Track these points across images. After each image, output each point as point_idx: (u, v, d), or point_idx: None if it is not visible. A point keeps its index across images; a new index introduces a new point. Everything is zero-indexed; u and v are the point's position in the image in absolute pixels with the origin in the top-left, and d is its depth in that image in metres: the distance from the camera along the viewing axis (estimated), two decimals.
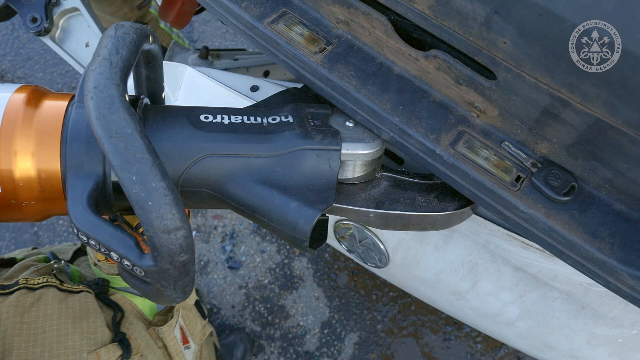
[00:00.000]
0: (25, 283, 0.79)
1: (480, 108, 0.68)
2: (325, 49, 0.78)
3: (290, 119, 0.72)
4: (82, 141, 0.60)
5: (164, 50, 1.79)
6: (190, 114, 0.69)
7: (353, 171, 0.73)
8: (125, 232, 0.54)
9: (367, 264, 1.16)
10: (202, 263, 2.52)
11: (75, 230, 0.54)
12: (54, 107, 0.62)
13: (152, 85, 0.77)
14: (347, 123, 0.75)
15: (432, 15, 0.60)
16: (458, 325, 2.31)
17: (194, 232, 2.58)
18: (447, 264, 0.97)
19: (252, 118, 0.71)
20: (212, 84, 0.99)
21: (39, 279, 0.81)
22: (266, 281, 2.47)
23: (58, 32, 1.24)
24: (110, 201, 0.62)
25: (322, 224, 0.77)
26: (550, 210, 0.65)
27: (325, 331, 2.36)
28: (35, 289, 0.79)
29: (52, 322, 0.76)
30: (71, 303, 0.79)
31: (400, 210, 0.72)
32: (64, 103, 0.63)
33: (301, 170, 0.68)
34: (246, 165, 0.67)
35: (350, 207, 0.72)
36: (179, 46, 1.50)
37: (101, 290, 0.90)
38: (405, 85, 0.74)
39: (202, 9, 1.54)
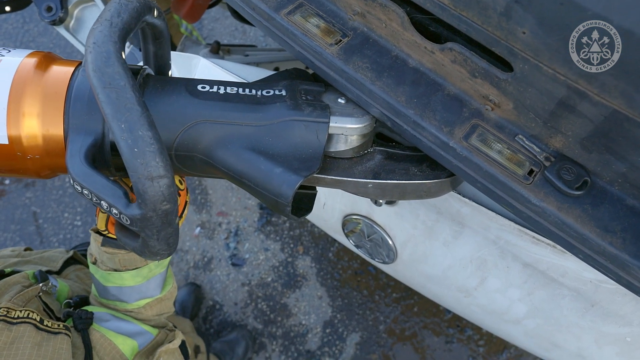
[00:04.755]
0: (5, 315, 0.78)
1: (495, 101, 0.69)
2: (341, 41, 0.78)
3: (284, 92, 0.75)
4: (85, 101, 0.65)
5: (174, 45, 1.80)
6: (189, 83, 0.73)
7: (345, 144, 0.75)
8: (116, 183, 0.58)
9: (374, 259, 1.17)
10: (205, 259, 2.52)
11: (71, 181, 0.59)
12: (62, 71, 0.67)
13: (159, 61, 0.81)
14: (339, 100, 0.78)
15: (452, 5, 0.61)
16: (460, 328, 2.30)
17: (198, 228, 2.58)
18: (456, 260, 0.97)
19: (247, 90, 0.74)
20: (226, 75, 1.00)
21: (19, 311, 0.80)
22: (269, 279, 2.47)
23: (72, 22, 1.25)
24: (107, 159, 0.67)
25: (310, 197, 0.81)
26: (562, 204, 0.65)
27: (327, 330, 2.36)
28: (14, 324, 0.78)
29: None
30: (44, 350, 0.78)
31: (397, 180, 0.75)
32: (71, 68, 0.68)
33: (289, 139, 0.71)
34: (237, 132, 0.70)
35: (348, 179, 0.75)
36: (191, 40, 1.51)
37: (84, 325, 0.89)
38: (420, 78, 0.75)
39: (215, 3, 1.55)
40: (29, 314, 0.80)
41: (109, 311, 0.95)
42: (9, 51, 0.68)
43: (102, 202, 0.57)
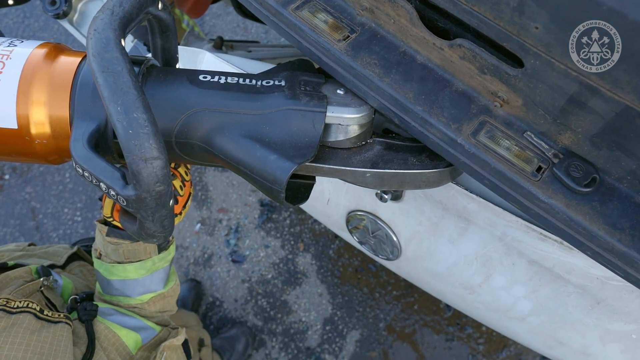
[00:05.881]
0: (5, 305, 0.77)
1: (504, 98, 0.68)
2: (348, 36, 0.78)
3: (283, 83, 0.76)
4: (90, 89, 0.68)
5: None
6: (190, 73, 0.75)
7: (343, 134, 0.76)
8: (114, 166, 0.60)
9: (378, 256, 1.17)
10: (205, 256, 2.52)
11: (74, 164, 0.62)
12: (69, 61, 0.70)
13: (167, 54, 0.83)
14: (338, 91, 0.78)
15: (463, 0, 0.60)
16: (460, 326, 2.31)
17: (198, 225, 2.58)
18: (461, 257, 0.97)
19: (247, 80, 0.76)
20: (231, 69, 0.99)
21: (19, 302, 0.79)
22: (269, 276, 2.47)
23: (76, 15, 1.25)
24: (110, 145, 0.69)
25: (307, 187, 0.83)
26: (570, 201, 0.65)
27: (327, 328, 2.36)
28: (13, 313, 0.77)
29: (17, 354, 0.73)
30: (44, 336, 0.76)
31: (395, 169, 0.75)
32: (79, 58, 0.71)
33: (286, 128, 0.72)
34: (235, 120, 0.72)
35: (346, 168, 0.75)
36: (194, 35, 1.50)
37: (88, 316, 0.88)
38: (428, 74, 0.74)
39: None
40: (28, 304, 0.80)
41: (113, 306, 0.95)
42: (22, 42, 0.72)
43: (101, 183, 0.60)
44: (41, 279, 0.91)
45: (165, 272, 0.97)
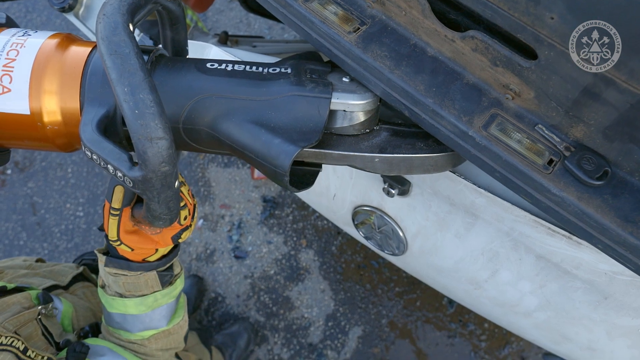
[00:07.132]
0: None
1: (515, 90, 0.68)
2: (359, 29, 0.78)
3: (289, 70, 0.77)
4: (100, 76, 0.70)
5: None
6: (198, 61, 0.76)
7: (349, 120, 0.76)
8: (122, 149, 0.61)
9: (383, 251, 1.16)
10: (208, 252, 2.52)
11: (83, 147, 0.63)
12: (80, 50, 0.72)
13: (177, 47, 0.85)
14: (344, 79, 0.79)
15: None
16: (463, 322, 2.31)
17: (200, 221, 2.58)
18: (467, 252, 0.97)
19: (254, 67, 0.77)
20: None
21: (5, 337, 0.77)
22: (272, 272, 2.47)
23: (82, 9, 1.24)
24: (119, 131, 0.71)
25: (313, 174, 0.84)
26: (582, 194, 0.65)
27: (330, 324, 2.36)
28: None
29: None
30: None
31: (404, 154, 0.76)
32: (89, 48, 0.73)
33: (291, 113, 0.73)
34: (241, 106, 0.73)
35: (355, 153, 0.76)
36: (199, 30, 1.50)
37: (75, 358, 0.85)
38: (439, 66, 0.74)
39: None
40: (12, 341, 0.78)
41: (109, 344, 0.91)
42: (36, 32, 0.73)
43: (108, 165, 0.61)
44: (39, 307, 0.89)
45: (169, 308, 0.92)
